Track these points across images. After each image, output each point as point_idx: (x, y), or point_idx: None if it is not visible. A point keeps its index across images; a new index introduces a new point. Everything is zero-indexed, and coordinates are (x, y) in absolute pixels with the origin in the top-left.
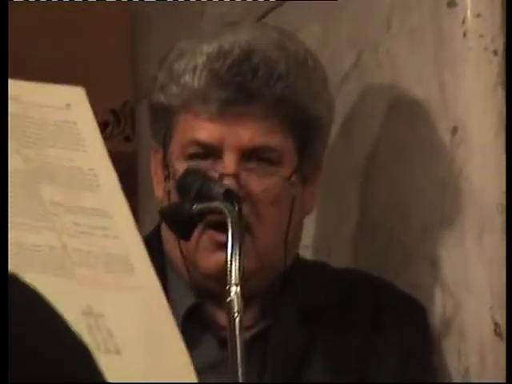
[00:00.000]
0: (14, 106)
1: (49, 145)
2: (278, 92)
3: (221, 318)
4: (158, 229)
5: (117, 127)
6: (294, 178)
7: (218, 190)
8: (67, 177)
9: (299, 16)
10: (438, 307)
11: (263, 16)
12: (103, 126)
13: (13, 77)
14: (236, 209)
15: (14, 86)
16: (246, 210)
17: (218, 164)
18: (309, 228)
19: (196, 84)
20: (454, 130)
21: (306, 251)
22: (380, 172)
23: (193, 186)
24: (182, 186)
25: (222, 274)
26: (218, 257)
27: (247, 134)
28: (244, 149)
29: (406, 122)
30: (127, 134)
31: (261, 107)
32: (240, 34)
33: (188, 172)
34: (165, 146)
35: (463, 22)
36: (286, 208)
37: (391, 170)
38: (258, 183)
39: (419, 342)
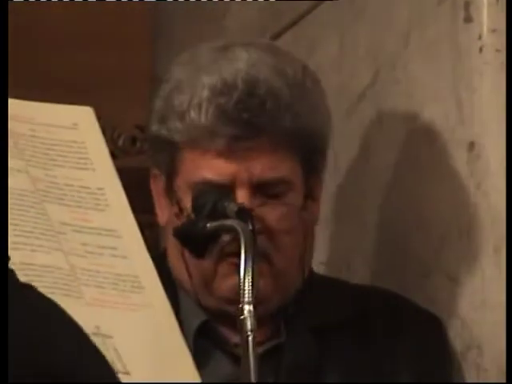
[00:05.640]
0: (23, 126)
1: (57, 164)
2: (286, 124)
3: (232, 334)
4: (165, 250)
5: (145, 143)
6: (305, 204)
7: (232, 208)
8: (75, 196)
9: (316, 33)
10: (456, 322)
11: (281, 33)
12: (131, 142)
13: (38, 91)
14: (249, 227)
15: (23, 107)
16: (262, 241)
17: None
18: (327, 244)
19: (203, 121)
20: (471, 146)
21: (325, 267)
22: (397, 187)
23: (207, 205)
24: (196, 203)
25: (236, 297)
26: (235, 281)
27: (257, 168)
28: (255, 183)
29: (423, 137)
30: None
31: (269, 140)
32: (237, 62)
33: (202, 191)
34: (169, 176)
35: (479, 37)
36: (300, 232)
37: (408, 186)
38: (272, 215)
39: (437, 357)
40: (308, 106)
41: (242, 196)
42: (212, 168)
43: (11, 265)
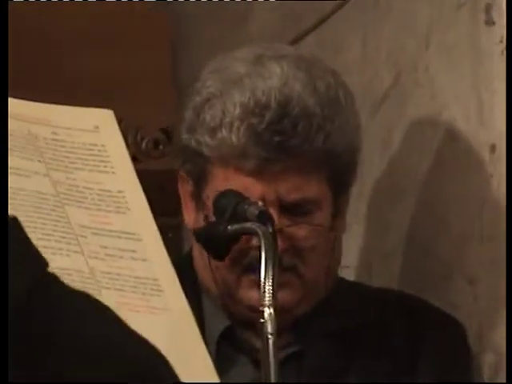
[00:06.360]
0: (44, 129)
1: (78, 167)
2: (317, 145)
3: (255, 339)
4: (190, 252)
5: (168, 146)
6: (332, 223)
7: (253, 211)
8: (95, 199)
9: (339, 36)
10: (476, 324)
11: (304, 36)
12: (154, 145)
13: (59, 94)
14: (270, 230)
15: (43, 110)
16: (290, 256)
17: None
18: (349, 247)
19: (234, 140)
20: (493, 148)
21: (346, 270)
22: (419, 189)
23: (228, 207)
24: (218, 206)
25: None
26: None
27: (284, 188)
28: (282, 202)
29: (445, 139)
30: None
31: (298, 161)
32: (270, 79)
33: (223, 193)
34: (197, 183)
35: (501, 40)
36: (327, 248)
37: (430, 188)
38: (299, 234)
39: (457, 360)
40: (339, 123)
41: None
42: (242, 186)
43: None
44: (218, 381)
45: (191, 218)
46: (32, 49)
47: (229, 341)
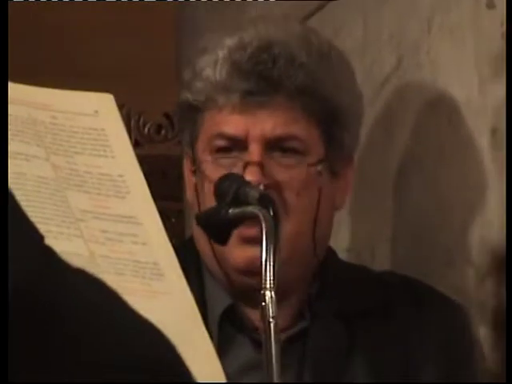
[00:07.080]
0: (44, 113)
1: (77, 152)
2: (299, 81)
3: (256, 319)
4: (193, 234)
5: (171, 131)
6: (319, 168)
7: (254, 194)
8: (95, 184)
9: (341, 18)
10: (480, 309)
11: (305, 18)
12: (157, 130)
13: (63, 79)
14: (271, 213)
15: (43, 94)
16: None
17: (244, 155)
18: (350, 231)
19: (217, 76)
20: (494, 131)
21: (349, 254)
22: (420, 172)
23: (229, 191)
24: (219, 190)
25: (252, 268)
26: (245, 251)
27: (270, 123)
28: (268, 139)
29: (446, 122)
30: None
31: (283, 97)
32: (261, 25)
33: (225, 177)
34: (192, 144)
35: (502, 23)
36: (312, 198)
37: (431, 171)
38: (284, 172)
39: (461, 345)
40: (328, 72)
41: (253, 150)
42: (227, 122)
43: None
44: (220, 365)
45: (191, 191)
46: (41, 38)
47: (230, 321)
